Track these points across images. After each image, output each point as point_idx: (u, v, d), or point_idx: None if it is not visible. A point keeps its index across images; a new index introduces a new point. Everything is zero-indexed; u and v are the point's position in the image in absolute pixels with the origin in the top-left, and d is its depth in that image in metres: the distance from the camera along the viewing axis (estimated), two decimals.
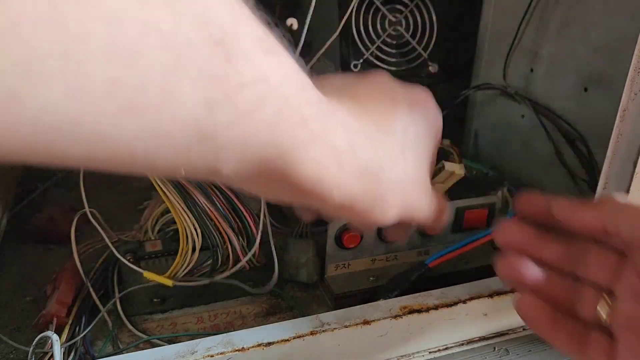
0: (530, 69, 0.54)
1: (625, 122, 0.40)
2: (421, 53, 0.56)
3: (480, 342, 0.42)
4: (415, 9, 0.55)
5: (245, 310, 0.44)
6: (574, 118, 0.48)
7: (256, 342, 0.35)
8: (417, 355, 0.40)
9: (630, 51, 0.38)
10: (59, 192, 0.58)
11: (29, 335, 0.39)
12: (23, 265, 0.48)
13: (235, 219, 0.40)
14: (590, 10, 0.46)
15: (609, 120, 0.41)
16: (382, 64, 0.55)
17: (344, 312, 0.38)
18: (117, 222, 0.52)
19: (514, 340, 0.42)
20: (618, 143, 0.41)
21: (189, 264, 0.40)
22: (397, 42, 0.56)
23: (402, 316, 0.38)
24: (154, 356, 0.33)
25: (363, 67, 0.55)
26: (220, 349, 0.34)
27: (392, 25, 0.55)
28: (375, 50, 0.55)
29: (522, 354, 0.41)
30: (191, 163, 0.19)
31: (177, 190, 0.38)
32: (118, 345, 0.39)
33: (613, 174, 0.41)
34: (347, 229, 0.43)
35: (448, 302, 0.40)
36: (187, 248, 0.39)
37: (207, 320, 0.43)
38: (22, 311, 0.43)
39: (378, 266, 0.46)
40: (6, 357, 0.38)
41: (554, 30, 0.51)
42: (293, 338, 0.35)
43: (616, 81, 0.43)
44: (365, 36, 0.54)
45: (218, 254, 0.40)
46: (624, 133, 0.40)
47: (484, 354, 0.41)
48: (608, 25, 0.44)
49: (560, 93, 0.50)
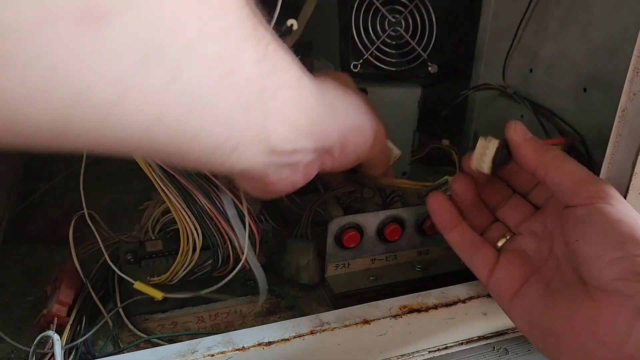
0: (530, 69, 0.55)
1: (624, 122, 0.40)
2: (421, 53, 0.56)
3: (479, 341, 0.42)
4: (415, 10, 0.55)
5: (245, 309, 0.44)
6: (573, 118, 0.48)
7: (256, 342, 0.35)
8: (416, 355, 0.40)
9: (629, 51, 0.38)
10: (60, 193, 0.58)
11: (29, 335, 0.39)
12: (24, 265, 0.48)
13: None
14: (589, 10, 0.46)
15: (608, 120, 0.41)
16: (381, 64, 0.55)
17: (344, 311, 0.38)
18: (117, 222, 0.52)
19: (514, 339, 0.42)
20: (617, 143, 0.41)
21: (190, 264, 0.40)
22: (397, 42, 0.56)
23: (401, 316, 0.38)
24: (155, 355, 0.33)
25: (363, 67, 0.55)
26: (220, 348, 0.34)
27: (392, 26, 0.55)
28: (374, 50, 0.55)
29: (521, 353, 0.41)
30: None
31: (177, 191, 0.38)
32: (119, 344, 0.39)
33: (612, 174, 0.41)
34: (347, 229, 0.43)
35: (447, 302, 0.40)
36: (188, 248, 0.39)
37: (207, 319, 0.43)
38: (22, 311, 0.43)
39: (378, 266, 0.46)
40: (7, 356, 0.38)
41: (553, 31, 0.51)
42: (293, 337, 0.35)
43: (615, 81, 0.43)
44: (364, 36, 0.54)
45: (218, 253, 0.40)
46: (622, 133, 0.40)
47: (484, 353, 0.41)
48: (607, 26, 0.45)
49: (559, 93, 0.51)
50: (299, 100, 0.28)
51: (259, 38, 0.24)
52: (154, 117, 0.20)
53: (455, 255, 0.48)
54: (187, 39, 0.20)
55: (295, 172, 0.31)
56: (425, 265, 0.47)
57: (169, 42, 0.19)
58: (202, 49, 0.21)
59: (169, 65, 0.19)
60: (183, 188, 0.38)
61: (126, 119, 0.19)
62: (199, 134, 0.23)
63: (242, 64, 0.23)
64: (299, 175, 0.32)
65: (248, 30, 0.23)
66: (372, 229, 0.44)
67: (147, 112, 0.20)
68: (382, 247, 0.46)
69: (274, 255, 0.46)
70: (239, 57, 0.23)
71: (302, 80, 0.28)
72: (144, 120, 0.20)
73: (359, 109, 0.36)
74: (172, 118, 0.21)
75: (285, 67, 0.27)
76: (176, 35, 0.19)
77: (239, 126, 0.25)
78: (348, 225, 0.43)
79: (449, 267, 0.47)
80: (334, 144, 0.33)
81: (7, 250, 0.49)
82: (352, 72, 0.54)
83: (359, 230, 0.43)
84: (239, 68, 0.23)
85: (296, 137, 0.28)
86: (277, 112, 0.26)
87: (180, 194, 0.38)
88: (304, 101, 0.28)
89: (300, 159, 0.30)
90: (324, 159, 0.34)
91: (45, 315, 0.38)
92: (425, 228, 0.45)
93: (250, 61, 0.24)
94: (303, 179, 0.33)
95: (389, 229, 0.44)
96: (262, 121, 0.26)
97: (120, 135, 0.20)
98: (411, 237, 0.46)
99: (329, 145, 0.33)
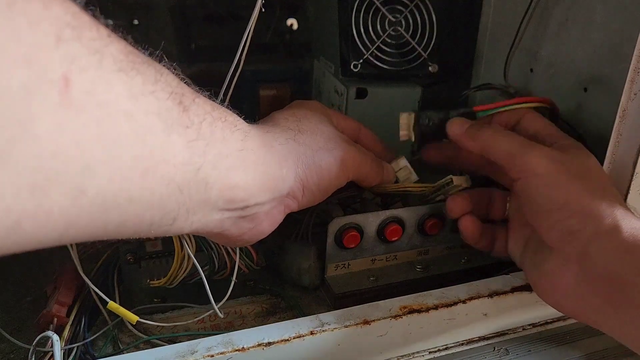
0: (530, 69, 0.55)
1: (624, 122, 0.40)
2: (421, 53, 0.56)
3: (480, 342, 0.42)
4: (415, 10, 0.55)
5: (245, 310, 0.44)
6: (573, 118, 0.48)
7: (256, 342, 0.35)
8: (417, 355, 0.40)
9: (630, 51, 0.38)
10: None
11: (29, 335, 0.39)
12: (24, 265, 0.48)
13: None
14: (590, 10, 0.46)
15: (608, 120, 0.41)
16: (381, 64, 0.55)
17: (344, 312, 0.38)
18: None
19: (514, 340, 0.42)
20: (617, 143, 0.41)
21: (187, 268, 0.40)
22: (397, 42, 0.56)
23: (402, 316, 0.38)
24: (154, 356, 0.33)
25: (363, 67, 0.55)
26: (220, 348, 0.34)
27: (392, 26, 0.55)
28: (375, 50, 0.55)
29: (521, 353, 0.41)
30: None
31: None
32: (118, 345, 0.39)
33: (613, 174, 0.41)
34: (347, 229, 0.43)
35: (448, 302, 0.40)
36: (183, 253, 0.39)
37: (207, 320, 0.43)
38: (22, 311, 0.43)
39: (378, 266, 0.46)
40: (6, 356, 0.38)
41: (553, 31, 0.51)
42: (293, 338, 0.35)
43: (616, 81, 0.43)
44: (365, 36, 0.54)
45: (213, 257, 0.40)
46: (623, 133, 0.40)
47: (484, 353, 0.41)
48: (608, 25, 0.45)
49: (560, 93, 0.50)
50: (245, 162, 0.29)
51: (190, 121, 0.25)
52: (62, 229, 0.20)
53: (455, 255, 0.49)
54: (85, 161, 0.20)
55: (256, 222, 0.32)
56: (425, 266, 0.47)
57: (64, 169, 0.19)
58: (110, 162, 0.21)
59: (67, 188, 0.20)
60: None
61: (28, 239, 0.20)
62: (124, 224, 0.23)
63: (169, 154, 0.24)
64: (264, 224, 0.33)
65: (173, 119, 0.24)
66: (372, 229, 0.44)
67: (51, 228, 0.20)
68: (382, 247, 0.46)
69: (273, 256, 0.46)
70: (164, 149, 0.23)
71: (246, 142, 0.29)
72: (49, 235, 0.20)
73: (319, 145, 0.37)
74: (83, 227, 0.21)
75: (224, 136, 0.28)
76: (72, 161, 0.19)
77: (173, 204, 0.25)
78: (348, 226, 0.43)
79: (449, 267, 0.47)
80: (293, 188, 0.34)
81: None
82: (352, 72, 0.54)
83: (359, 231, 0.43)
84: (165, 160, 0.24)
85: (247, 195, 0.29)
86: (221, 182, 0.27)
87: None
88: (250, 161, 0.29)
89: (257, 211, 0.31)
90: (288, 203, 0.35)
91: (44, 315, 0.38)
92: (425, 228, 0.45)
93: (179, 147, 0.24)
94: (269, 226, 0.34)
95: (389, 229, 0.44)
96: (204, 193, 0.26)
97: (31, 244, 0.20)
98: (411, 238, 0.46)
99: (286, 191, 0.34)
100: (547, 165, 0.36)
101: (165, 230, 0.26)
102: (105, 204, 0.21)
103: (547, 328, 0.43)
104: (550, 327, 0.44)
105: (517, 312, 0.43)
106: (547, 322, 0.44)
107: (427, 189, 0.45)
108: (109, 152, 0.21)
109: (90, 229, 0.22)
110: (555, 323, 0.44)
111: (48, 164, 0.19)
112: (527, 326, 0.43)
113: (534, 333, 0.43)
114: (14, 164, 0.18)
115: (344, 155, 0.38)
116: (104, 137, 0.20)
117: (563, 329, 0.43)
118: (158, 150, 0.23)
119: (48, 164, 0.19)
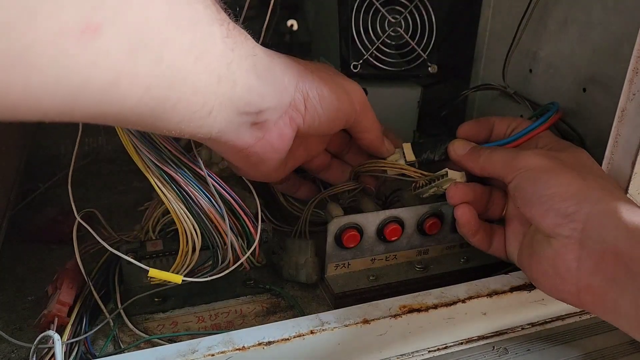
0: (529, 69, 0.55)
1: (623, 122, 0.40)
2: (420, 54, 0.56)
3: (479, 341, 0.42)
4: (415, 10, 0.56)
5: (245, 309, 0.44)
6: (572, 118, 0.48)
7: (256, 341, 0.35)
8: (416, 355, 0.40)
9: (629, 51, 0.38)
10: (60, 193, 0.58)
11: (30, 335, 0.39)
12: (24, 265, 0.48)
13: (234, 220, 0.40)
14: (589, 10, 0.46)
15: (607, 120, 0.41)
16: (381, 64, 0.55)
17: (344, 311, 0.38)
18: (118, 223, 0.52)
19: (513, 339, 0.42)
20: (616, 143, 0.41)
21: (190, 264, 0.40)
22: (397, 42, 0.56)
23: (401, 315, 0.38)
24: (155, 355, 0.34)
25: (363, 68, 0.55)
26: (220, 348, 0.34)
27: (392, 26, 0.55)
28: (374, 51, 0.55)
29: (520, 353, 0.41)
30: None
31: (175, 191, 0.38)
32: (119, 344, 0.39)
33: (612, 174, 0.42)
34: (347, 229, 0.43)
35: (447, 302, 0.40)
36: (188, 249, 0.39)
37: (207, 319, 0.43)
38: (23, 311, 0.43)
39: (378, 266, 0.46)
40: (7, 356, 0.38)
41: (552, 31, 0.51)
42: (293, 337, 0.36)
43: (615, 82, 0.43)
44: (364, 37, 0.54)
45: (218, 254, 0.40)
46: (622, 133, 0.40)
47: (483, 353, 0.41)
48: (607, 26, 0.45)
49: (559, 93, 0.51)
50: (256, 67, 0.33)
51: (222, 19, 0.30)
52: (141, 93, 0.26)
53: (454, 255, 0.49)
54: (164, 35, 0.26)
55: (267, 131, 0.36)
56: (425, 265, 0.47)
57: (151, 38, 0.25)
58: (177, 41, 0.26)
59: (151, 56, 0.25)
60: (181, 189, 0.38)
61: (119, 97, 0.25)
62: (178, 103, 0.28)
63: (212, 45, 0.29)
64: (273, 134, 0.37)
65: (213, 16, 0.29)
66: (372, 229, 0.44)
67: (135, 90, 0.25)
68: (382, 247, 0.46)
69: (273, 254, 0.46)
70: (208, 40, 0.29)
71: (256, 49, 0.34)
72: (133, 96, 0.25)
73: (320, 71, 0.40)
74: (156, 93, 0.27)
75: (243, 40, 0.32)
76: (156, 33, 0.25)
77: (212, 95, 0.30)
78: (348, 225, 0.43)
79: (448, 266, 0.47)
80: (295, 99, 0.37)
81: (7, 250, 0.49)
82: (352, 72, 0.54)
83: (358, 230, 0.44)
84: (210, 49, 0.29)
85: (260, 99, 0.34)
86: (242, 81, 0.32)
87: (179, 194, 0.38)
88: (260, 66, 0.34)
89: (267, 117, 0.35)
90: (292, 114, 0.38)
91: (45, 315, 0.38)
92: (425, 228, 0.46)
93: (219, 38, 0.30)
94: (277, 138, 0.37)
95: (389, 229, 0.44)
96: (231, 89, 0.31)
97: (116, 109, 0.25)
98: (411, 237, 0.46)
99: (289, 101, 0.37)
100: (539, 160, 0.38)
101: (201, 124, 0.31)
102: (172, 77, 0.27)
103: (546, 327, 0.44)
104: (549, 327, 0.44)
105: (516, 311, 0.43)
106: (546, 322, 0.44)
107: (422, 177, 0.45)
108: (176, 32, 0.26)
109: (155, 102, 0.27)
110: (554, 322, 0.44)
111: (141, 33, 0.24)
112: (526, 325, 0.43)
113: (533, 332, 0.43)
114: (121, 26, 0.23)
115: (351, 86, 0.41)
116: (173, 17, 0.26)
117: (562, 328, 0.44)
118: (206, 38, 0.29)
119: (140, 34, 0.24)
